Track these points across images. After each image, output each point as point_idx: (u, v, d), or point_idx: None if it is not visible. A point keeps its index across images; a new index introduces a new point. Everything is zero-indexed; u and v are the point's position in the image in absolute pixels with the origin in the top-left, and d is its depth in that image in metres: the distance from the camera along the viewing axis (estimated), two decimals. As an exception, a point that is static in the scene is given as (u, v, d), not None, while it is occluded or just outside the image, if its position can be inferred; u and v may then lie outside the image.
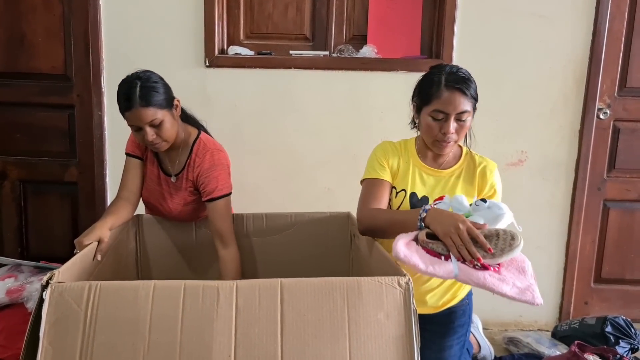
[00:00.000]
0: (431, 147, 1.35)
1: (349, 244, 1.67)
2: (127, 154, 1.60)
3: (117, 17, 2.12)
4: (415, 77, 2.14)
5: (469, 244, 1.02)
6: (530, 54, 2.14)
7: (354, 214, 1.63)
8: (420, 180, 1.38)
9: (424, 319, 1.36)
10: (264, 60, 2.14)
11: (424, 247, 1.06)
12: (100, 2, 2.11)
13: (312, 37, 2.26)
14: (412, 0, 2.21)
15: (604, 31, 2.11)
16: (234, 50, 2.16)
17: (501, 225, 1.10)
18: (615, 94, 2.20)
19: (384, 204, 1.34)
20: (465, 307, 1.45)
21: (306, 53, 2.17)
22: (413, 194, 1.36)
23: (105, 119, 2.20)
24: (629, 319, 2.02)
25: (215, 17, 2.11)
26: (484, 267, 1.01)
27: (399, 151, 1.42)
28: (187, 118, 1.60)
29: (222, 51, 2.18)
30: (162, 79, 1.46)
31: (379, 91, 2.17)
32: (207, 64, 2.12)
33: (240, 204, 1.84)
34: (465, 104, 1.26)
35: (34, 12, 2.15)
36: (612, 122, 2.22)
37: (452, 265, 1.02)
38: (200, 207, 1.60)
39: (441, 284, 1.39)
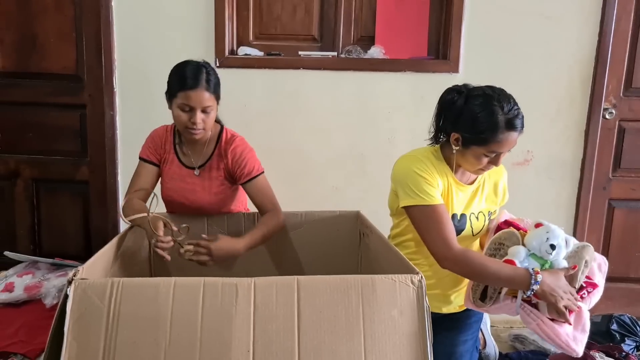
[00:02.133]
0: (468, 170, 1.38)
1: (358, 242, 1.69)
2: (141, 159, 1.61)
3: (129, 18, 2.15)
4: (422, 78, 2.21)
5: (575, 303, 1.23)
6: (536, 54, 2.16)
7: (363, 212, 1.66)
8: (456, 198, 1.38)
9: (446, 317, 1.41)
10: (272, 60, 2.17)
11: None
12: (112, 3, 2.14)
13: (320, 38, 2.29)
14: (419, 1, 2.23)
15: (610, 31, 2.13)
16: (243, 51, 2.19)
17: (570, 247, 1.27)
18: (621, 94, 2.21)
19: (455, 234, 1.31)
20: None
21: (314, 54, 2.19)
22: (454, 215, 1.37)
23: (117, 118, 2.23)
24: (635, 317, 2.04)
25: (225, 18, 2.13)
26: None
27: (437, 168, 1.35)
28: None
29: (232, 52, 2.20)
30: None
31: (386, 92, 2.19)
32: (217, 65, 2.15)
33: (249, 203, 1.87)
34: (516, 141, 1.32)
35: (46, 13, 2.18)
36: (617, 122, 2.23)
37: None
38: (228, 197, 1.63)
39: (464, 281, 1.42)
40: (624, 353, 1.77)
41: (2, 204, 2.35)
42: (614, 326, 1.97)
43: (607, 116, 2.21)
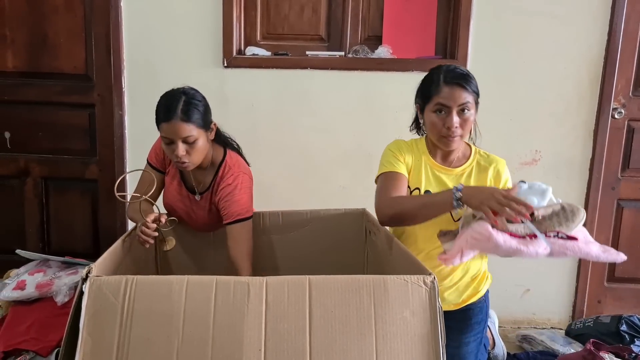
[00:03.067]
0: (438, 144, 1.37)
1: (364, 240, 1.69)
2: (149, 163, 1.60)
3: (138, 18, 2.16)
4: (430, 78, 2.21)
5: (509, 204, 1.07)
6: (545, 54, 2.15)
7: (369, 210, 1.66)
8: (434, 178, 1.39)
9: (445, 316, 1.40)
10: (280, 60, 2.17)
11: (506, 232, 1.10)
12: (122, 4, 2.15)
13: (328, 37, 2.29)
14: (426, 1, 2.23)
15: (620, 31, 2.12)
16: (251, 50, 2.19)
17: (547, 199, 1.15)
18: (630, 94, 2.20)
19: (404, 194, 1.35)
20: (482, 305, 1.47)
21: (322, 53, 2.20)
22: (427, 192, 1.38)
23: (126, 118, 2.25)
24: (644, 318, 2.03)
25: (233, 19, 2.14)
26: (569, 238, 1.07)
27: (412, 148, 1.43)
28: (217, 136, 1.55)
29: (240, 52, 2.21)
30: (205, 99, 1.45)
31: (393, 91, 2.19)
32: (225, 64, 2.16)
33: (257, 202, 1.87)
34: (466, 97, 1.29)
35: (56, 13, 2.20)
36: (626, 122, 2.22)
37: (543, 242, 1.06)
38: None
39: (460, 281, 1.41)
40: (633, 354, 1.76)
41: (12, 202, 2.37)
42: (624, 327, 1.97)
43: (616, 116, 2.20)
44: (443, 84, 1.30)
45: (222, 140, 1.57)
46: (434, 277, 0.95)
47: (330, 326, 0.93)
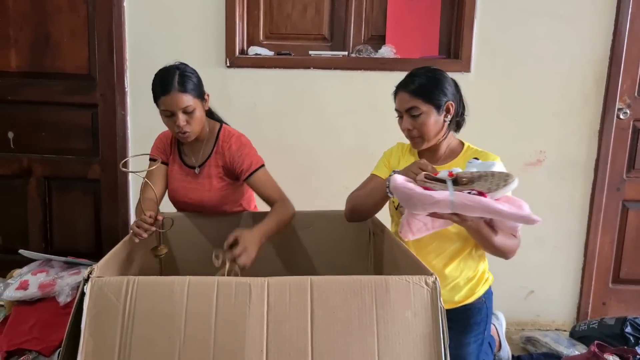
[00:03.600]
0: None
1: (367, 241, 1.69)
2: (151, 159, 1.64)
3: (141, 18, 2.16)
4: (433, 77, 2.19)
5: (416, 167, 1.21)
6: (549, 54, 2.14)
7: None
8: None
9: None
10: (283, 60, 2.17)
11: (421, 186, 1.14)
12: (124, 4, 2.15)
13: (331, 37, 2.28)
14: (430, 0, 2.22)
15: (625, 31, 2.10)
16: (253, 50, 2.19)
17: (493, 169, 1.18)
18: (636, 94, 2.18)
19: None
20: (481, 305, 1.46)
21: (325, 53, 2.19)
22: None
23: (128, 118, 2.25)
24: (649, 320, 2.02)
25: (235, 18, 2.14)
26: (480, 194, 1.05)
27: (403, 151, 1.53)
28: (210, 114, 1.67)
29: (242, 51, 2.21)
30: (196, 71, 1.54)
31: (397, 91, 2.18)
32: (228, 64, 2.16)
33: (260, 202, 1.87)
34: (409, 102, 1.36)
35: (59, 13, 2.21)
36: (632, 122, 2.20)
37: (448, 192, 1.05)
38: (230, 194, 1.64)
39: (454, 281, 1.40)
40: (638, 356, 1.74)
41: (15, 201, 2.37)
42: (628, 329, 1.95)
43: (621, 116, 2.18)
44: (396, 90, 1.43)
45: (216, 118, 1.68)
46: (436, 278, 0.95)
47: (332, 327, 0.92)
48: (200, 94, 1.51)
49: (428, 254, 1.39)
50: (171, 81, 1.43)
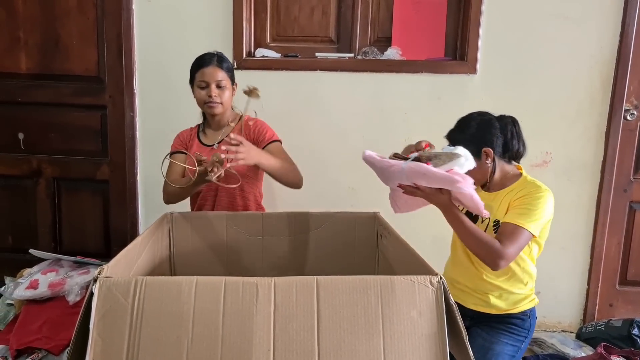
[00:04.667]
0: None
1: (375, 243, 1.69)
2: (172, 153, 1.71)
3: (149, 21, 2.19)
4: (439, 79, 2.20)
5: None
6: (555, 55, 2.14)
7: (379, 213, 1.66)
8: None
9: (479, 314, 1.50)
10: (290, 62, 2.18)
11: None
12: (133, 6, 2.17)
13: (337, 39, 2.30)
14: (436, 2, 2.22)
15: (632, 32, 2.10)
16: (261, 52, 2.21)
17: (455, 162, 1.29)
18: (643, 95, 2.18)
19: None
20: (525, 318, 1.50)
21: (331, 55, 2.20)
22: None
23: (137, 119, 2.27)
24: (656, 322, 2.00)
25: (243, 21, 2.16)
26: (427, 164, 1.22)
27: None
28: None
29: (250, 54, 2.23)
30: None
31: (403, 93, 2.19)
32: (235, 66, 2.17)
33: (266, 204, 1.89)
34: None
35: (69, 16, 2.24)
36: (639, 124, 2.20)
37: (402, 162, 1.24)
38: (244, 172, 1.67)
39: (465, 287, 1.43)
40: (645, 358, 1.74)
41: (25, 202, 2.41)
42: (635, 331, 1.94)
43: (628, 117, 2.17)
44: None
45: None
46: (441, 277, 0.95)
47: (338, 326, 0.93)
48: (232, 78, 1.71)
49: (485, 268, 1.44)
50: (211, 57, 1.65)
